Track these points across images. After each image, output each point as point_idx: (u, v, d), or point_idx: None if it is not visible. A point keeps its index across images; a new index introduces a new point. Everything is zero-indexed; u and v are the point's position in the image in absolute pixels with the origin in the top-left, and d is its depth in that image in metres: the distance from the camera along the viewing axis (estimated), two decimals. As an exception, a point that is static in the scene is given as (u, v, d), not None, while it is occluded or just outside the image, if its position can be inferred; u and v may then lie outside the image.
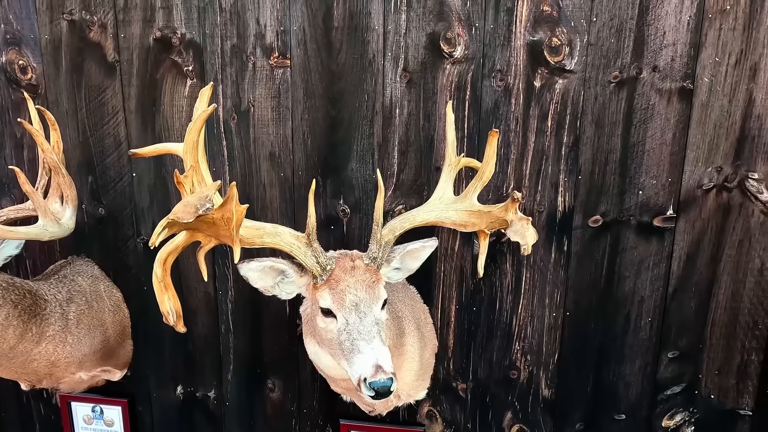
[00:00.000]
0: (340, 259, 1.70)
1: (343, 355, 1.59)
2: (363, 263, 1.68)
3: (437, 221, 1.77)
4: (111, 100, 2.16)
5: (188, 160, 1.53)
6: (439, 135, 2.04)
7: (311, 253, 1.66)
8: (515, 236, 1.62)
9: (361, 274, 1.65)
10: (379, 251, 1.70)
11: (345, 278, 1.63)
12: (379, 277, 1.68)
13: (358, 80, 2.04)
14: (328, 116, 2.07)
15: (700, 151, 1.97)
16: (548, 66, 1.96)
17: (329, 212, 2.14)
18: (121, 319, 2.29)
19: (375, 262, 1.69)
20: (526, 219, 1.63)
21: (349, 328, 1.58)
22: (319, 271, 1.66)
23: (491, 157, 1.71)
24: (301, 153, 2.11)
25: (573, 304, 2.12)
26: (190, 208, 1.34)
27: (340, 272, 1.65)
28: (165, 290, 1.48)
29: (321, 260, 1.66)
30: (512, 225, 1.62)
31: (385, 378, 1.49)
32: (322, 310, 1.65)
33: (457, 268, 2.13)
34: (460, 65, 1.99)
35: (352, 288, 1.61)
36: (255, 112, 2.10)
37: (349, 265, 1.67)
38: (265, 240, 1.65)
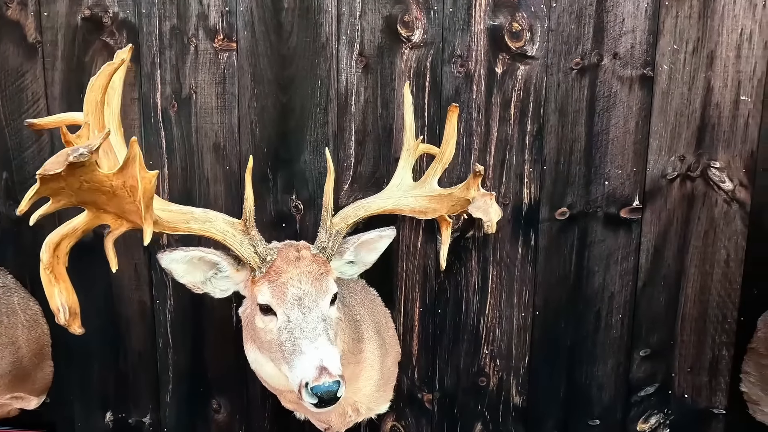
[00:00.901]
0: (284, 249, 1.39)
1: (284, 358, 1.29)
2: (310, 253, 1.37)
3: (395, 209, 1.49)
4: (31, 86, 1.79)
5: (91, 124, 1.18)
6: (398, 124, 1.78)
7: (248, 241, 1.34)
8: (477, 212, 1.36)
9: (306, 265, 1.34)
10: (329, 241, 1.40)
11: (287, 269, 1.32)
12: (328, 269, 1.37)
13: (310, 65, 1.76)
14: (278, 104, 1.78)
15: (662, 140, 1.78)
16: (509, 52, 1.75)
17: (280, 208, 1.82)
18: (38, 336, 1.85)
19: (324, 253, 1.39)
20: (489, 194, 1.37)
21: (291, 325, 1.26)
22: (258, 263, 1.34)
23: (451, 136, 1.46)
24: (248, 144, 1.79)
25: (542, 303, 1.86)
26: (61, 157, 1.00)
27: (282, 263, 1.33)
28: (55, 282, 1.11)
29: (260, 250, 1.34)
30: (474, 201, 1.36)
31: (330, 381, 1.19)
32: (260, 307, 1.33)
33: (420, 267, 1.84)
34: (419, 50, 1.75)
35: (295, 280, 1.30)
36: (197, 100, 1.78)
37: (293, 256, 1.35)
38: (191, 226, 1.32)
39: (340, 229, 1.46)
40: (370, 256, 1.53)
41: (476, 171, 1.34)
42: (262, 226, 1.80)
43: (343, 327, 1.48)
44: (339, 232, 1.46)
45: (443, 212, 1.45)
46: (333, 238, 1.44)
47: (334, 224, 1.45)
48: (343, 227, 1.46)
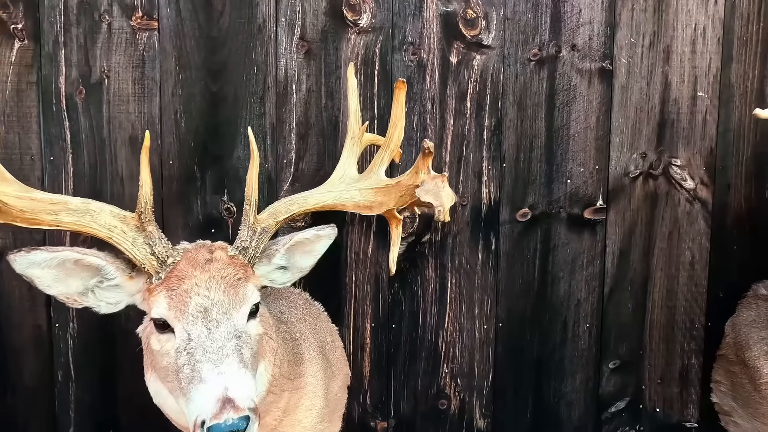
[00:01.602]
0: (192, 250, 1.04)
1: (180, 388, 0.93)
2: (226, 255, 1.01)
3: (336, 204, 1.16)
4: None
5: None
6: (345, 116, 1.47)
7: (143, 240, 0.98)
8: (427, 195, 1.06)
9: (219, 269, 1.00)
10: (251, 240, 1.05)
11: (193, 274, 0.98)
12: (248, 274, 1.03)
13: (245, 49, 1.43)
14: (207, 92, 1.43)
15: (624, 136, 1.56)
16: (464, 40, 1.49)
17: (209, 212, 1.45)
18: None
19: (245, 255, 1.05)
20: (440, 176, 1.07)
21: (192, 345, 0.92)
22: (156, 266, 0.98)
23: (399, 117, 1.16)
24: (172, 137, 1.43)
25: (505, 313, 1.56)
26: None
27: (187, 266, 0.99)
28: None
29: (158, 250, 0.99)
30: (423, 184, 1.05)
31: (234, 418, 0.85)
32: (155, 323, 0.96)
33: (372, 276, 1.51)
34: (367, 36, 1.46)
35: (202, 287, 0.95)
36: (111, 85, 1.41)
37: (203, 258, 1.01)
38: (62, 219, 0.95)
39: (268, 227, 1.11)
40: (306, 260, 1.18)
41: (425, 149, 1.04)
42: (187, 232, 1.42)
43: (273, 347, 1.12)
44: (265, 231, 1.11)
45: (391, 205, 1.14)
46: (258, 237, 1.09)
47: (259, 220, 1.10)
48: (271, 224, 1.12)
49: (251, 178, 1.09)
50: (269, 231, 1.12)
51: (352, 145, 1.23)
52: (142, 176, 1.01)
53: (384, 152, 1.14)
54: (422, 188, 1.08)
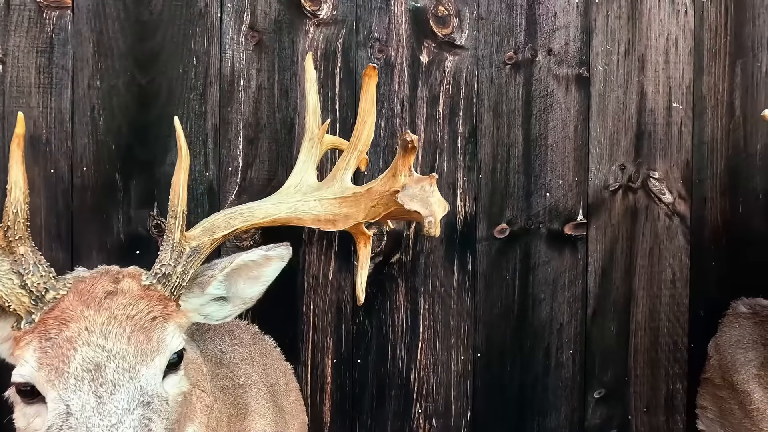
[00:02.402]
0: (87, 280, 0.70)
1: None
2: (137, 285, 0.67)
3: (290, 217, 0.84)
4: None
5: None
6: (301, 117, 1.15)
7: (9, 267, 0.62)
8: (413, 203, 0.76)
9: (124, 305, 0.67)
10: (176, 264, 0.71)
11: (82, 314, 0.64)
12: (167, 311, 0.71)
13: (182, 37, 1.10)
14: (134, 85, 1.08)
15: (602, 147, 1.33)
16: (436, 39, 1.23)
17: (133, 229, 1.08)
18: None
19: (167, 284, 0.70)
20: (428, 177, 0.77)
21: (72, 423, 0.56)
22: (27, 305, 0.63)
23: (369, 112, 0.87)
24: (87, 138, 1.06)
25: (484, 342, 1.27)
26: None
27: (76, 303, 0.65)
28: None
29: (31, 281, 0.63)
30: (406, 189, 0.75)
31: None
32: (18, 389, 0.63)
33: (333, 304, 1.18)
34: (328, 29, 1.16)
35: (95, 334, 0.61)
36: (7, 73, 1.03)
37: (101, 290, 0.67)
38: None
39: (200, 247, 0.77)
40: (251, 288, 0.83)
41: (408, 142, 0.74)
42: (104, 255, 1.04)
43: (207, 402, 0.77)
44: (197, 252, 0.76)
45: (360, 219, 0.83)
46: (186, 260, 0.74)
47: (188, 238, 0.76)
48: (205, 243, 0.77)
49: (177, 182, 0.75)
50: (202, 252, 0.77)
51: (310, 147, 0.91)
52: (11, 176, 0.65)
53: (350, 154, 0.83)
54: (405, 193, 0.77)
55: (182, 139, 0.77)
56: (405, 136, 0.74)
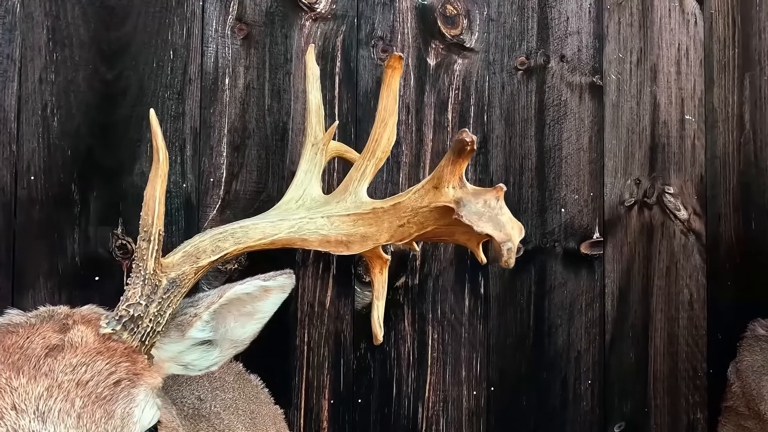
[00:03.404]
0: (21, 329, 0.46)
1: None
2: (93, 334, 0.42)
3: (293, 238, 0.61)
4: None
5: None
6: (295, 123, 0.94)
7: None
8: (484, 224, 0.53)
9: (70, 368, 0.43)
10: (149, 303, 0.48)
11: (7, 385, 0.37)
12: (136, 370, 0.47)
13: (157, 26, 0.87)
14: (98, 80, 0.84)
15: (617, 160, 1.16)
16: (444, 40, 1.03)
17: (92, 250, 0.83)
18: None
19: (135, 331, 0.46)
20: (493, 190, 0.56)
21: None
22: None
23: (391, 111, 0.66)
24: (36, 141, 0.81)
25: (497, 374, 1.05)
26: None
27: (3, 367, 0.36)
28: None
29: None
30: (467, 205, 0.53)
31: None
32: None
33: (331, 335, 0.95)
34: (326, 24, 0.96)
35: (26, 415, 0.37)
36: (-65, 61, 0.77)
37: (41, 345, 0.41)
38: None
39: (180, 278, 0.55)
40: (244, 327, 0.60)
41: (465, 143, 0.53)
42: (54, 282, 0.79)
43: None
44: (176, 285, 0.54)
45: (382, 240, 0.61)
46: (161, 297, 0.51)
47: (166, 266, 0.53)
48: (186, 273, 0.55)
49: (152, 195, 0.53)
50: (183, 285, 0.54)
51: (314, 154, 0.69)
52: None
53: (366, 161, 0.62)
54: (469, 211, 0.55)
55: (159, 139, 0.54)
56: (463, 135, 0.53)
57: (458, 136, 0.54)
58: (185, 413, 0.71)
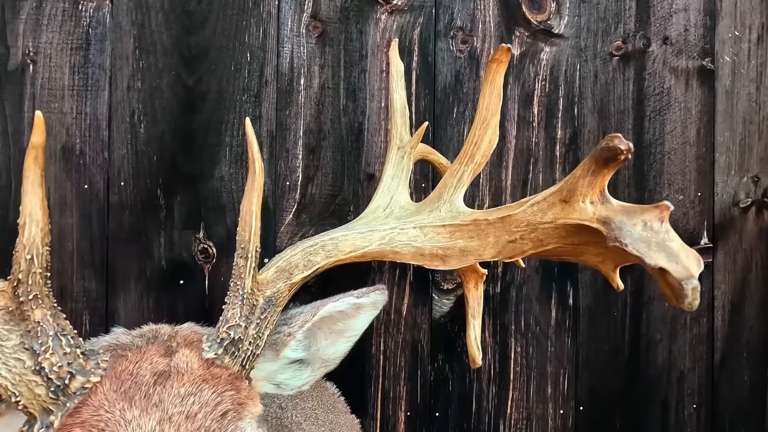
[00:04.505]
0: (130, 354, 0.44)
1: None
2: (197, 359, 0.38)
3: (384, 251, 0.54)
4: None
5: None
6: (371, 122, 0.87)
7: (20, 341, 0.35)
8: (655, 255, 0.41)
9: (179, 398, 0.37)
10: (248, 323, 0.42)
11: (120, 419, 0.38)
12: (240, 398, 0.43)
13: (234, 29, 0.83)
14: (180, 86, 0.82)
15: (731, 154, 0.97)
16: (529, 26, 0.91)
17: (177, 254, 0.82)
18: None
19: (236, 355, 0.42)
20: (654, 208, 0.45)
21: None
22: (44, 398, 0.35)
23: (494, 110, 0.56)
24: (125, 148, 0.80)
25: (587, 392, 0.93)
26: None
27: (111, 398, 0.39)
28: None
29: (50, 363, 0.36)
30: (621, 228, 0.42)
31: None
32: None
33: (408, 345, 0.88)
34: (402, 16, 0.87)
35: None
36: (38, 73, 0.79)
37: (147, 371, 0.39)
38: None
39: (276, 295, 0.50)
40: (335, 346, 0.56)
41: (617, 151, 0.43)
42: (143, 285, 0.79)
43: None
44: (273, 302, 0.49)
45: (486, 256, 0.52)
46: (259, 318, 0.47)
47: (262, 284, 0.49)
48: (281, 290, 0.50)
49: (249, 209, 0.49)
50: (278, 303, 0.50)
51: (400, 157, 0.62)
52: (24, 205, 0.40)
53: (463, 166, 0.54)
54: (630, 236, 0.45)
55: (255, 150, 0.49)
56: (615, 141, 0.43)
57: (608, 141, 0.44)
58: (270, 423, 0.68)
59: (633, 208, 0.48)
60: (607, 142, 0.45)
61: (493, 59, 0.54)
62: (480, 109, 0.56)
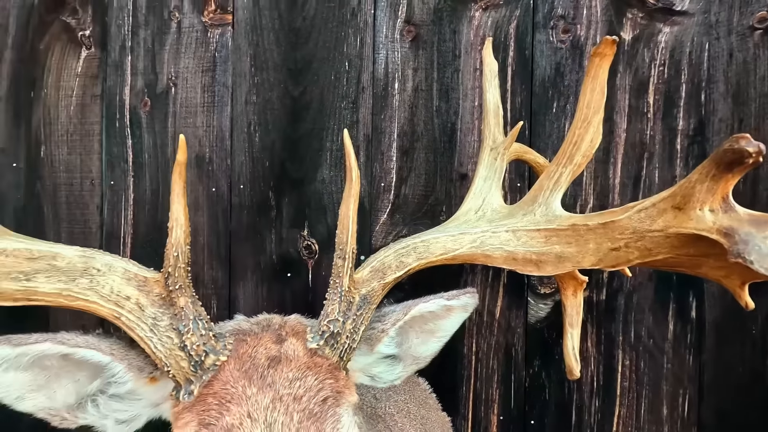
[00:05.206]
0: (248, 340, 0.50)
1: None
2: (302, 348, 0.43)
3: (476, 254, 0.53)
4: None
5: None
6: (464, 122, 0.85)
7: (169, 323, 0.42)
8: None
9: (290, 381, 0.45)
10: (346, 320, 0.45)
11: (244, 393, 0.43)
12: (338, 387, 0.47)
13: (334, 40, 0.88)
14: (287, 97, 0.89)
15: None
16: (644, 6, 0.80)
17: (285, 250, 0.90)
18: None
19: (335, 346, 0.46)
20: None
21: None
22: (186, 371, 0.42)
23: (597, 107, 0.51)
24: (244, 155, 0.90)
25: (715, 418, 0.80)
26: None
27: (238, 375, 0.45)
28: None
29: (191, 341, 0.42)
30: (748, 242, 0.35)
31: None
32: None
33: (501, 347, 0.85)
34: (497, 11, 0.84)
35: (258, 424, 0.41)
36: (178, 94, 0.92)
37: (264, 355, 0.47)
38: (37, 288, 0.45)
39: (371, 293, 0.53)
40: (425, 344, 0.58)
41: (747, 154, 0.37)
42: (258, 275, 0.88)
43: None
44: (367, 301, 0.52)
45: (585, 264, 0.48)
46: (356, 314, 0.51)
47: (358, 282, 0.52)
48: (375, 289, 0.53)
49: (346, 214, 0.52)
50: (373, 300, 0.53)
51: (493, 159, 0.60)
52: (173, 212, 0.48)
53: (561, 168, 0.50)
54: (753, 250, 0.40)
55: (352, 159, 0.53)
56: (742, 143, 0.38)
57: (733, 142, 0.38)
58: (365, 412, 0.71)
59: (760, 217, 0.40)
60: (732, 143, 0.38)
61: (596, 53, 0.49)
62: (581, 107, 0.51)
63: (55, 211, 0.99)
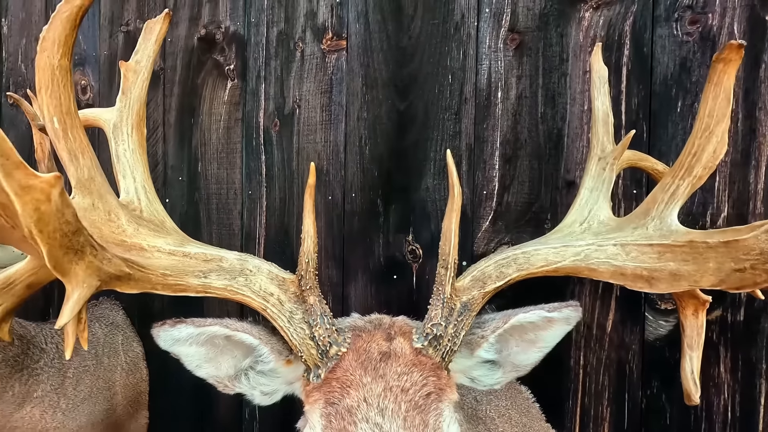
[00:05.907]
0: (363, 336, 0.57)
1: None
2: (409, 347, 0.48)
3: (579, 267, 0.52)
4: (153, 114, 1.26)
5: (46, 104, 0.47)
6: (571, 128, 0.81)
7: (302, 316, 0.49)
8: None
9: (399, 374, 0.51)
10: (448, 324, 0.49)
11: (361, 381, 0.51)
12: (441, 385, 0.52)
13: (438, 55, 0.91)
14: (394, 111, 0.95)
15: None
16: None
17: (392, 253, 0.96)
18: (137, 382, 1.25)
19: (438, 347, 0.49)
20: None
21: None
22: (314, 357, 0.50)
23: (722, 116, 0.46)
24: (355, 166, 0.99)
25: None
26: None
27: (355, 366, 0.53)
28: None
29: (318, 333, 0.51)
30: None
31: None
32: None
33: (613, 363, 0.80)
34: (610, 9, 0.79)
35: (373, 407, 0.48)
36: (301, 115, 1.05)
37: (376, 350, 0.53)
38: (211, 283, 0.52)
39: (471, 301, 0.56)
40: (526, 353, 0.59)
41: None
42: (368, 276, 0.96)
43: None
44: (468, 308, 0.55)
45: (704, 283, 0.44)
46: (457, 319, 0.54)
47: (459, 290, 0.55)
48: (475, 297, 0.56)
49: (449, 227, 0.56)
50: (473, 308, 0.56)
51: (602, 168, 0.58)
52: (305, 226, 0.57)
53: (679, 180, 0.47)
54: None
55: (455, 176, 0.57)
56: None
57: None
58: (465, 411, 0.74)
59: None
60: None
61: (719, 58, 0.45)
62: (701, 115, 0.47)
63: (208, 216, 1.19)
